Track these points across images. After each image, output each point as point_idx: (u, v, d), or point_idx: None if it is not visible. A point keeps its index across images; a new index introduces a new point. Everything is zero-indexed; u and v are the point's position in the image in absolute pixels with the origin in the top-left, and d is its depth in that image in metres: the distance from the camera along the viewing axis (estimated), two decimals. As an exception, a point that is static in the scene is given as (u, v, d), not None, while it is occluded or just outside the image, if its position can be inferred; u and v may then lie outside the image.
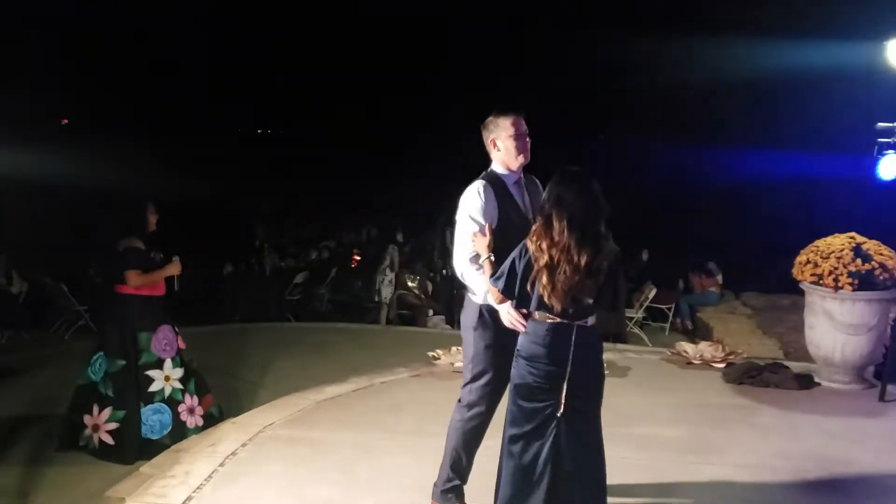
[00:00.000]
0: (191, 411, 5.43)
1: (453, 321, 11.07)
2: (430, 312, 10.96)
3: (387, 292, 11.05)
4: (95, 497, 4.34)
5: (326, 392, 6.03)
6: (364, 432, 5.14)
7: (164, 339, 5.37)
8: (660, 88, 13.91)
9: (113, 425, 5.20)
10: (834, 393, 6.27)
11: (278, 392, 6.27)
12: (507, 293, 3.39)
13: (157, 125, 16.87)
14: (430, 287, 11.47)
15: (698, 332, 10.58)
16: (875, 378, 6.39)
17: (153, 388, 5.29)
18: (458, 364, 6.74)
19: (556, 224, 3.22)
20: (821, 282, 6.25)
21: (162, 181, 11.46)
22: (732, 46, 12.14)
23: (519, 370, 3.39)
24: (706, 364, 7.04)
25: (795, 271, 6.54)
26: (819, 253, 6.33)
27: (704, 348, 7.32)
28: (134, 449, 5.16)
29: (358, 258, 13.76)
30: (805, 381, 6.42)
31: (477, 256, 3.65)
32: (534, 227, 3.30)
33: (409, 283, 11.25)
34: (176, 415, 5.33)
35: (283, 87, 18.98)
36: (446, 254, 12.49)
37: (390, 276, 11.13)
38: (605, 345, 8.71)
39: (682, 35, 12.85)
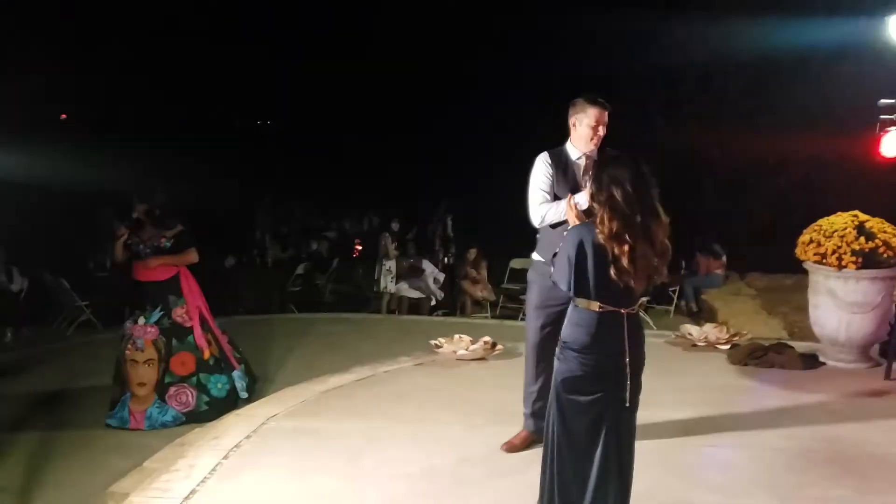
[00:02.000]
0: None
1: (455, 310, 11.07)
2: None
3: (385, 281, 11.01)
4: (99, 493, 4.31)
5: (329, 382, 6.01)
6: (368, 422, 5.12)
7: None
8: (657, 67, 13.76)
9: None
10: (839, 372, 6.25)
11: (281, 383, 6.27)
12: (569, 287, 3.24)
13: (154, 118, 16.82)
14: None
15: (703, 314, 10.54)
16: (880, 356, 6.37)
17: None
18: (461, 352, 6.73)
19: (622, 207, 3.10)
20: (824, 261, 6.22)
21: (161, 175, 11.45)
22: (733, 24, 12.02)
23: (567, 363, 3.25)
24: (711, 346, 7.01)
25: (799, 251, 6.51)
26: (822, 232, 6.30)
27: (709, 330, 7.29)
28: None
29: (359, 248, 13.73)
30: (810, 361, 6.39)
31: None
32: (598, 215, 3.16)
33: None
34: None
35: (280, 77, 18.87)
36: (448, 242, 12.48)
37: (388, 264, 11.09)
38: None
39: (680, 12, 12.72)
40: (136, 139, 14.65)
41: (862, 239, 6.10)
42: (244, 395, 6.00)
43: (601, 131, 4.28)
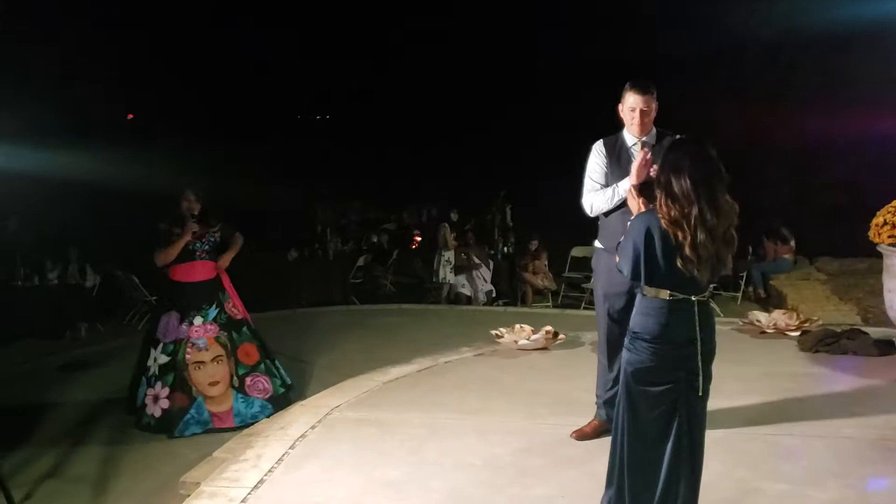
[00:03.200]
0: (154, 399, 5.61)
1: (517, 300, 11.02)
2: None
3: (444, 272, 11.02)
4: (171, 482, 4.44)
5: (391, 373, 6.06)
6: (430, 412, 5.14)
7: (166, 324, 5.72)
8: (718, 45, 13.37)
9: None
10: (917, 358, 6.01)
11: (344, 374, 6.32)
12: (635, 276, 3.16)
13: (218, 116, 17.14)
14: (491, 265, 11.39)
15: (771, 301, 10.28)
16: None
17: (149, 362, 5.74)
18: (522, 342, 6.70)
19: (679, 194, 3.01)
20: (900, 243, 5.98)
21: (225, 172, 11.70)
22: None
23: (637, 354, 3.17)
24: (780, 333, 6.84)
25: (872, 233, 6.26)
26: (897, 213, 6.05)
27: (778, 316, 7.11)
28: (134, 412, 5.70)
29: (419, 239, 13.79)
30: (885, 347, 6.17)
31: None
32: (659, 202, 3.07)
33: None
34: (144, 395, 5.65)
35: (339, 72, 19.03)
36: (507, 231, 12.43)
37: (447, 255, 11.08)
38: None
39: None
40: (197, 137, 14.95)
41: (939, 219, 5.85)
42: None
43: (643, 116, 4.20)
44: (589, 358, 6.44)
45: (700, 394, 3.20)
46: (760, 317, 7.18)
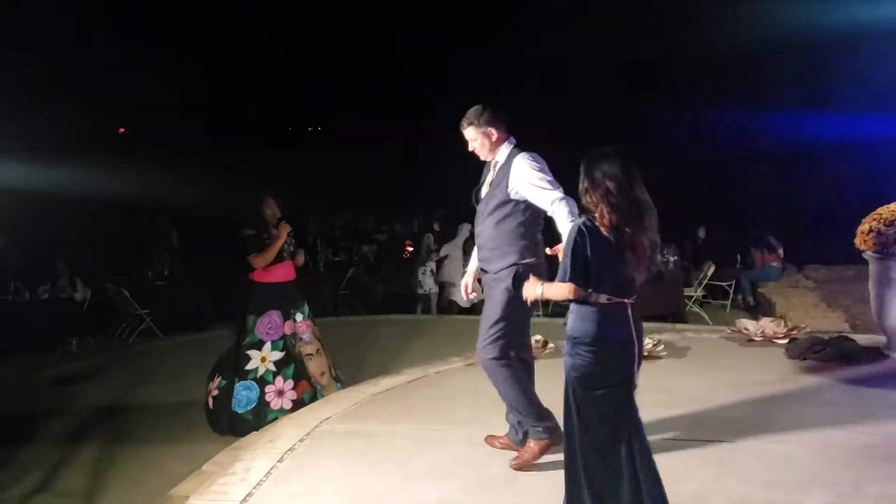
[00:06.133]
0: (279, 393, 5.88)
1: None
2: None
3: (428, 282, 11.00)
4: (159, 496, 4.42)
5: (381, 384, 6.06)
6: (420, 423, 5.14)
7: (268, 323, 5.94)
8: (702, 51, 13.43)
9: (216, 392, 5.92)
10: (904, 365, 6.05)
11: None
12: (585, 283, 3.23)
13: (209, 129, 17.15)
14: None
15: (760, 309, 10.33)
16: (947, 347, 6.15)
17: (249, 366, 5.89)
18: (513, 351, 6.70)
19: (617, 198, 3.19)
20: (885, 250, 6.02)
21: (217, 184, 11.71)
22: (784, 4, 11.67)
23: (580, 358, 3.28)
24: (768, 340, 6.87)
25: (858, 241, 6.31)
26: (882, 220, 6.10)
27: (766, 324, 7.14)
28: (224, 419, 5.82)
29: (410, 249, 13.78)
30: (872, 355, 6.21)
31: None
32: (598, 210, 3.22)
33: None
34: (262, 393, 5.84)
35: (329, 83, 19.05)
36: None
37: (431, 265, 11.08)
38: (664, 325, 8.62)
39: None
40: (187, 150, 14.95)
41: (924, 226, 5.90)
42: None
43: (470, 145, 4.43)
44: (578, 367, 6.47)
45: (634, 392, 3.36)
46: (749, 325, 7.21)
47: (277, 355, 5.93)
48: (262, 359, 5.91)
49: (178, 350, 8.89)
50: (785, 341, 6.72)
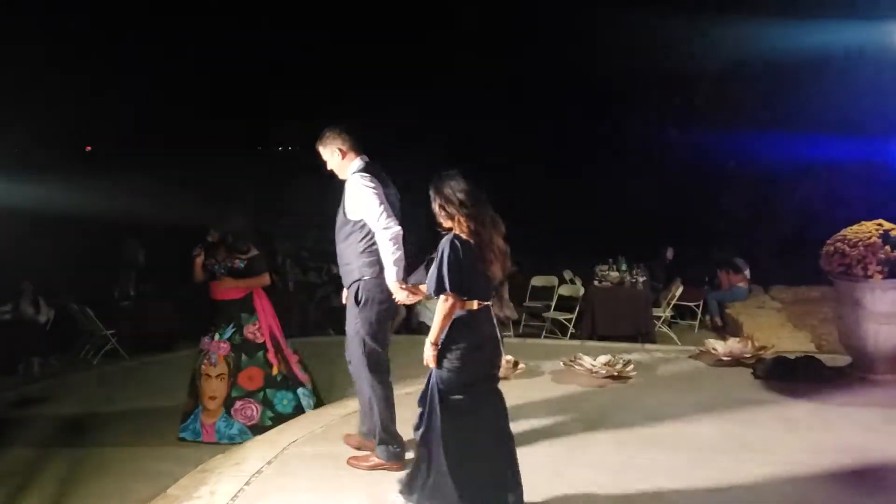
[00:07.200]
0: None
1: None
2: None
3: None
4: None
5: (350, 406, 5.96)
6: (389, 445, 5.07)
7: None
8: (672, 74, 13.60)
9: None
10: (869, 384, 6.12)
11: (302, 408, 6.24)
12: (462, 292, 3.59)
13: (173, 144, 16.96)
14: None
15: (728, 329, 10.41)
16: (910, 367, 6.23)
17: None
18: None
19: (471, 208, 3.62)
20: (849, 271, 6.11)
21: (182, 202, 11.57)
22: (748, 28, 11.86)
23: (452, 363, 3.60)
24: (736, 360, 6.92)
25: (823, 262, 6.41)
26: (846, 242, 6.19)
27: (733, 345, 7.19)
28: None
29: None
30: (838, 374, 6.28)
31: None
32: (456, 220, 3.63)
33: None
34: None
35: (290, 100, 18.93)
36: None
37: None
38: (633, 345, 8.66)
39: (692, 13, 12.57)
40: (153, 168, 14.75)
41: (888, 248, 5.99)
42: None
43: (326, 165, 4.78)
44: (549, 387, 6.47)
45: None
46: (717, 345, 7.26)
47: (194, 365, 6.21)
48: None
49: (143, 371, 8.73)
50: (752, 361, 6.78)
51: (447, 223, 3.68)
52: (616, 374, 6.51)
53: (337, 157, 4.69)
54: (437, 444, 3.64)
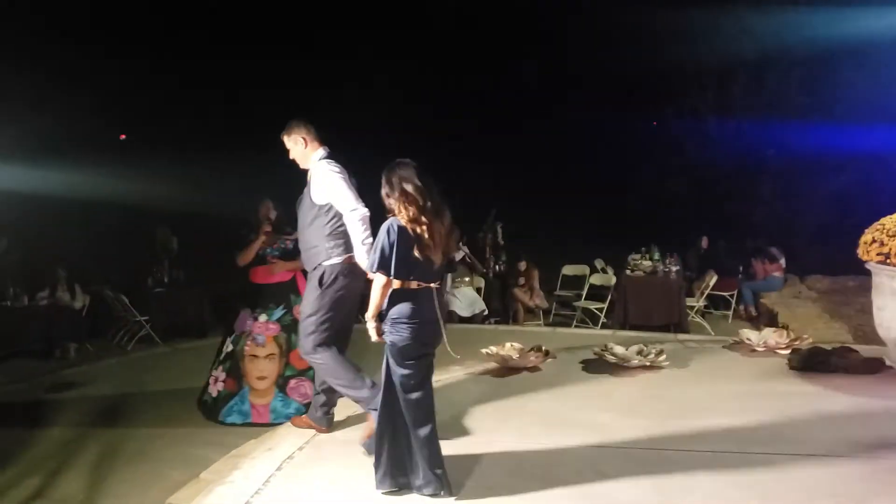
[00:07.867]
0: (215, 380, 6.21)
1: (509, 318, 10.99)
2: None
3: None
4: (157, 504, 4.38)
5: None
6: (419, 432, 5.08)
7: (242, 318, 6.27)
8: (709, 64, 13.40)
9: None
10: (907, 376, 6.01)
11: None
12: (397, 273, 3.85)
13: (209, 135, 17.08)
14: (483, 285, 11.30)
15: (762, 319, 10.27)
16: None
17: (222, 350, 6.31)
18: (516, 359, 6.67)
19: (414, 195, 3.88)
20: (888, 261, 5.98)
21: (218, 190, 11.67)
22: (787, 16, 11.65)
23: (399, 333, 3.92)
24: (770, 351, 6.84)
25: (861, 251, 6.27)
26: (885, 231, 6.05)
27: (768, 335, 7.11)
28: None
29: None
30: (875, 365, 6.18)
31: None
32: (399, 206, 3.89)
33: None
34: (208, 377, 6.28)
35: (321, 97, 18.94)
36: (499, 250, 12.41)
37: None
38: (666, 335, 8.58)
39: (727, 4, 12.37)
40: (188, 156, 14.87)
41: (927, 237, 5.86)
42: None
43: (291, 154, 5.05)
44: (580, 376, 6.44)
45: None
46: (751, 335, 7.18)
47: (230, 347, 6.22)
48: (226, 347, 6.27)
49: (176, 357, 8.84)
50: (787, 352, 6.69)
51: (392, 208, 3.96)
52: (648, 363, 6.45)
53: (300, 147, 4.96)
54: (399, 417, 4.02)
